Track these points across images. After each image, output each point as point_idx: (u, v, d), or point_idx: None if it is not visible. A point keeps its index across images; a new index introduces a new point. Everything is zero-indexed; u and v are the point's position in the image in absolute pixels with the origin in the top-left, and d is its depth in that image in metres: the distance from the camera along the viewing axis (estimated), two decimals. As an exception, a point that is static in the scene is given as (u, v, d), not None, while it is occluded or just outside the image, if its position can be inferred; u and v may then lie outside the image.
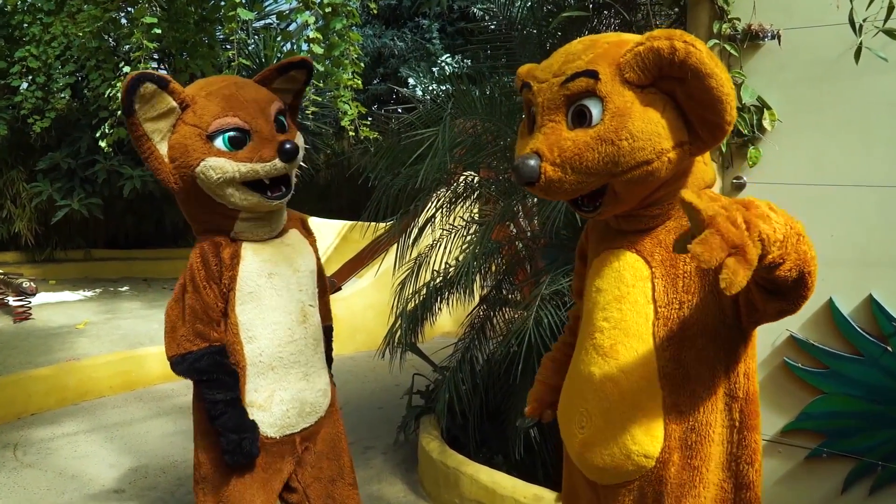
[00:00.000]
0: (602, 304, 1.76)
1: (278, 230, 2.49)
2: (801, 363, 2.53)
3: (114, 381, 5.34)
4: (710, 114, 1.53)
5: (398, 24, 9.20)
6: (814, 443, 2.54)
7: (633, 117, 1.56)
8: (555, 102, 1.64)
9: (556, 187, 1.63)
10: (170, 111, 2.25)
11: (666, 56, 1.49)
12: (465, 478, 3.38)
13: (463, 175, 4.13)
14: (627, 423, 1.68)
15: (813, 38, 2.44)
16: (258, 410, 2.35)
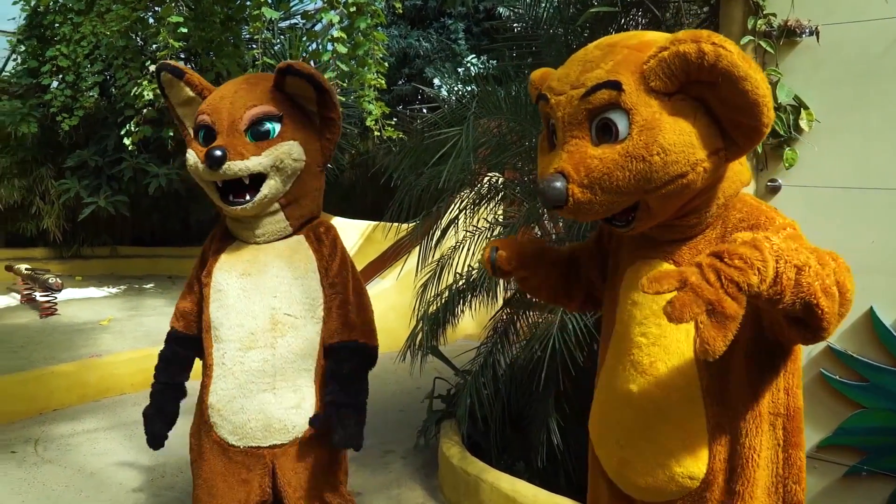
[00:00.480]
0: (639, 318, 1.67)
1: (267, 238, 2.39)
2: (840, 375, 2.42)
3: (135, 379, 5.31)
4: (745, 118, 1.41)
5: (424, 24, 9.15)
6: (852, 460, 2.43)
7: (663, 129, 1.43)
8: (576, 117, 1.51)
9: (585, 209, 1.50)
10: (190, 100, 2.35)
11: (694, 61, 1.37)
12: (485, 485, 3.30)
13: (487, 176, 4.06)
14: (671, 444, 1.61)
15: (854, 33, 2.33)
16: (217, 414, 2.31)
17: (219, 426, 2.31)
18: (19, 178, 9.23)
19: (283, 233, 2.42)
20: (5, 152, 9.14)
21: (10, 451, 4.18)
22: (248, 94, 2.28)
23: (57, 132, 8.34)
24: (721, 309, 1.22)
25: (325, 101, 2.39)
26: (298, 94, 2.35)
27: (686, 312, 1.20)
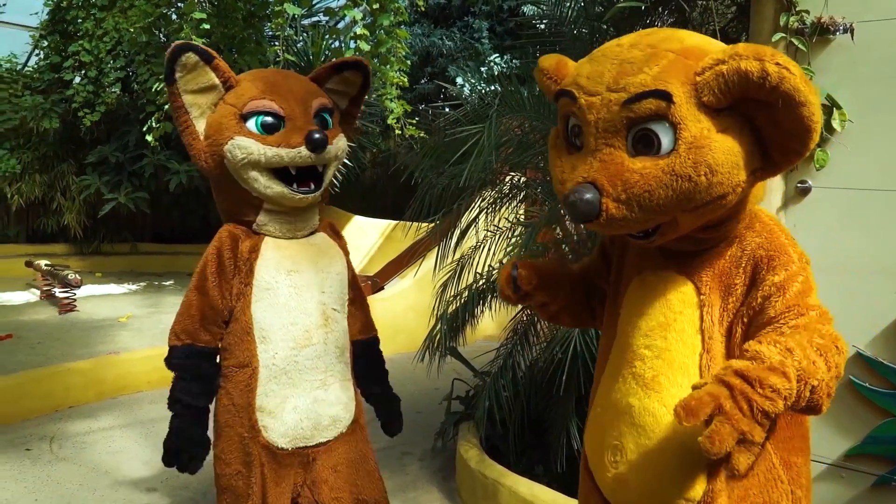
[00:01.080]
0: (644, 330, 1.61)
1: (305, 232, 2.39)
2: (869, 383, 2.35)
3: (151, 377, 5.30)
4: (794, 142, 1.35)
5: (447, 23, 9.11)
6: (881, 469, 2.36)
7: (712, 149, 1.34)
8: (614, 124, 1.40)
9: (618, 225, 1.42)
10: (211, 87, 2.23)
11: (755, 80, 1.28)
12: (503, 489, 3.26)
13: (508, 175, 4.01)
14: (668, 464, 1.53)
15: (889, 31, 2.26)
16: (268, 416, 2.23)
17: (269, 429, 2.23)
18: (40, 173, 9.26)
19: (315, 227, 2.42)
20: (27, 148, 9.18)
21: (24, 448, 4.17)
22: (305, 84, 2.32)
23: (78, 128, 8.37)
24: (752, 438, 1.25)
25: (359, 100, 2.49)
26: (339, 90, 2.41)
27: (725, 445, 1.23)
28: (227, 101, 2.23)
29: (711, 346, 1.55)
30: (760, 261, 1.52)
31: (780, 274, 1.48)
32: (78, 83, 8.25)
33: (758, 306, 1.49)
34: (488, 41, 8.86)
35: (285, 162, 2.19)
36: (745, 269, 1.54)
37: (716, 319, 1.56)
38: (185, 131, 2.23)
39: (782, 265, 1.49)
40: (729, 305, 1.56)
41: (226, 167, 2.21)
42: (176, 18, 6.99)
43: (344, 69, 2.46)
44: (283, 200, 2.25)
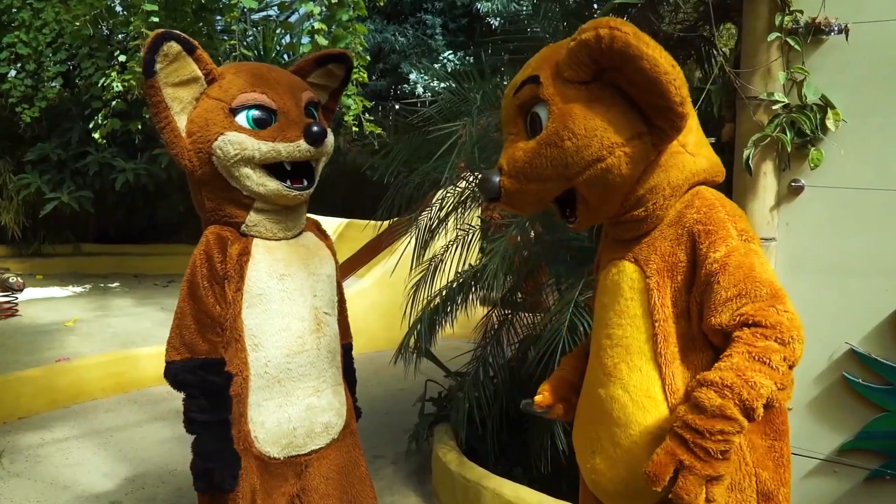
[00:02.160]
0: (604, 320, 1.70)
1: (294, 232, 2.29)
2: (862, 379, 2.37)
3: (106, 383, 5.12)
4: (654, 97, 1.46)
5: (399, 19, 9.03)
6: (874, 463, 2.39)
7: (574, 116, 1.50)
8: (510, 115, 1.65)
9: (517, 198, 1.62)
10: (193, 80, 2.07)
11: (594, 46, 1.45)
12: (486, 492, 3.21)
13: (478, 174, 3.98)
14: (637, 448, 1.58)
15: (883, 33, 2.28)
16: (260, 427, 2.13)
17: (261, 440, 2.13)
18: (-26, 172, 8.88)
19: (303, 226, 2.33)
20: (-40, 145, 8.80)
21: (-26, 463, 3.95)
22: (291, 77, 2.23)
23: (16, 124, 8.02)
24: (717, 474, 1.37)
25: (338, 94, 2.42)
26: (321, 84, 2.32)
27: (694, 494, 1.35)
28: (211, 95, 2.08)
29: (664, 327, 1.59)
30: (698, 235, 1.55)
31: (721, 249, 1.51)
32: (14, 77, 7.89)
33: (703, 285, 1.53)
34: (442, 38, 8.81)
35: (283, 157, 2.09)
36: (686, 244, 1.57)
37: (667, 301, 1.59)
38: (165, 129, 2.08)
39: (721, 239, 1.52)
40: (679, 284, 1.58)
41: (213, 165, 2.08)
42: (121, 11, 6.77)
43: (327, 62, 2.38)
44: (276, 198, 2.15)
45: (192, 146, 2.08)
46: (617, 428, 1.62)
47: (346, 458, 2.36)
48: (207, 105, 2.07)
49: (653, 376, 1.59)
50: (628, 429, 1.59)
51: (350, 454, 2.38)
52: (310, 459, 2.24)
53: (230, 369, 2.12)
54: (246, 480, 2.14)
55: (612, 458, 1.63)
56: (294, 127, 2.10)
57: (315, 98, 2.27)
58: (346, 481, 2.36)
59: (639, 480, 1.53)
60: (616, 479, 1.62)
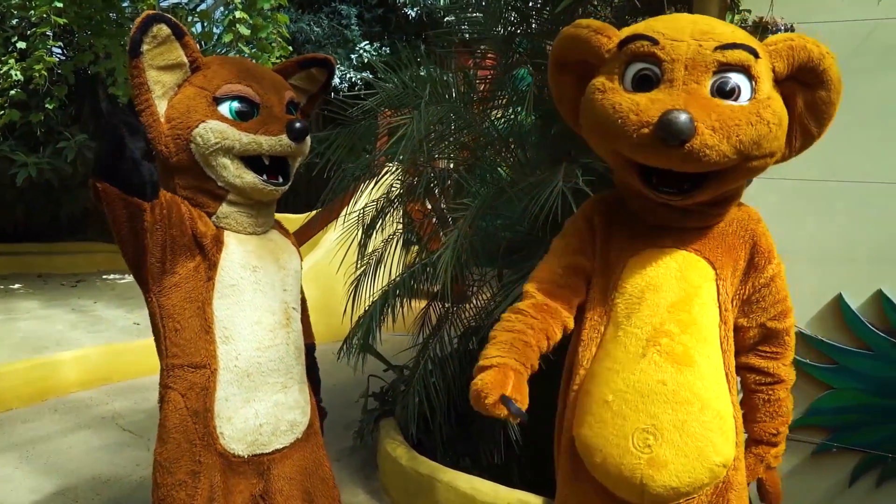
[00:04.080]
0: (665, 306, 1.65)
1: (264, 228, 2.29)
2: (810, 359, 2.53)
3: (22, 391, 4.83)
4: (816, 125, 1.60)
5: (314, 8, 8.88)
6: (821, 437, 2.56)
7: (776, 102, 1.53)
8: (704, 64, 1.53)
9: (703, 154, 1.49)
10: (178, 65, 2.05)
11: (814, 59, 1.53)
12: (440, 485, 3.22)
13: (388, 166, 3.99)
14: (709, 433, 1.60)
15: (828, 33, 2.41)
16: (227, 423, 2.09)
17: (227, 436, 2.09)
18: None
19: (271, 222, 2.33)
20: None
21: None
22: (274, 75, 2.23)
23: None
24: None
25: (317, 99, 2.46)
26: (302, 87, 2.35)
27: None
28: (194, 83, 2.07)
29: (727, 317, 1.67)
30: (760, 247, 1.71)
31: (773, 268, 1.72)
32: None
33: (753, 290, 1.72)
34: (357, 28, 8.73)
35: (264, 150, 2.09)
36: (746, 248, 1.71)
37: (730, 291, 1.68)
38: (144, 111, 2.04)
39: (775, 257, 1.73)
40: (736, 280, 1.70)
41: (191, 153, 2.06)
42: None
43: (311, 66, 2.40)
44: (252, 191, 2.13)
45: (171, 132, 2.05)
46: (688, 415, 1.60)
47: (309, 459, 2.34)
48: (190, 92, 2.06)
49: (719, 363, 1.64)
50: (703, 416, 1.60)
51: (314, 454, 2.36)
52: (273, 459, 2.21)
53: (195, 361, 2.08)
54: (206, 477, 2.09)
55: (680, 450, 1.60)
56: (277, 122, 2.09)
57: (296, 98, 2.28)
58: (310, 482, 2.34)
59: (706, 470, 1.60)
60: (682, 469, 1.60)
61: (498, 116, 3.73)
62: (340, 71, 8.38)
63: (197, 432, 2.08)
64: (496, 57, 3.78)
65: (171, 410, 2.10)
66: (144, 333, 6.13)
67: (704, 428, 1.60)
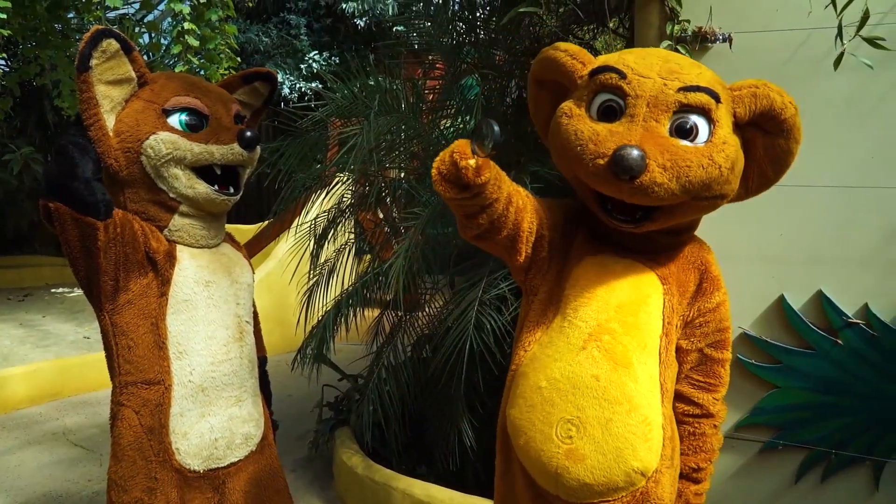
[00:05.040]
0: (614, 305, 1.68)
1: (217, 241, 2.29)
2: (755, 359, 2.59)
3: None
4: (773, 171, 1.66)
5: (262, 18, 8.81)
6: (767, 436, 2.61)
7: (731, 148, 1.57)
8: (665, 104, 1.56)
9: (652, 191, 1.53)
10: (126, 80, 2.06)
11: (776, 108, 1.57)
12: (396, 492, 3.24)
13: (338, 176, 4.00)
14: (631, 437, 1.61)
15: (763, 42, 2.50)
16: (182, 438, 2.08)
17: (182, 451, 2.07)
18: None
19: (221, 238, 2.32)
20: None
21: None
22: (220, 89, 2.27)
23: None
24: None
25: (261, 113, 2.49)
26: (246, 101, 2.39)
27: None
28: (142, 97, 2.08)
29: (670, 331, 1.70)
30: (709, 274, 1.78)
31: (719, 296, 1.78)
32: None
33: (698, 313, 1.76)
34: (306, 38, 8.68)
35: (216, 159, 2.11)
36: (697, 274, 1.77)
37: (675, 309, 1.71)
38: (93, 125, 2.03)
39: (722, 287, 1.79)
40: (684, 301, 1.74)
41: (141, 165, 2.06)
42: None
43: (254, 80, 2.43)
44: (205, 202, 2.15)
45: (120, 145, 2.05)
46: (613, 413, 1.61)
47: (264, 471, 2.34)
48: (138, 106, 2.07)
49: (655, 372, 1.66)
50: (629, 418, 1.60)
51: (268, 466, 2.36)
52: (228, 472, 2.20)
53: (149, 377, 2.06)
54: (162, 494, 2.07)
55: (600, 447, 1.61)
56: (227, 131, 2.13)
57: (241, 112, 2.31)
58: (265, 494, 2.33)
59: (622, 473, 1.60)
60: (598, 466, 1.60)
61: (447, 125, 3.76)
62: (290, 81, 8.32)
63: (152, 449, 2.06)
64: (444, 66, 3.81)
65: (124, 428, 2.07)
66: (95, 347, 6.04)
67: (628, 430, 1.61)
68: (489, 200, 1.56)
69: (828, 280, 2.50)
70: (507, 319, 2.99)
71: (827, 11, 2.29)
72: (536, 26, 3.46)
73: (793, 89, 2.45)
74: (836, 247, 2.49)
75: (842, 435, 2.52)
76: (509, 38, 3.52)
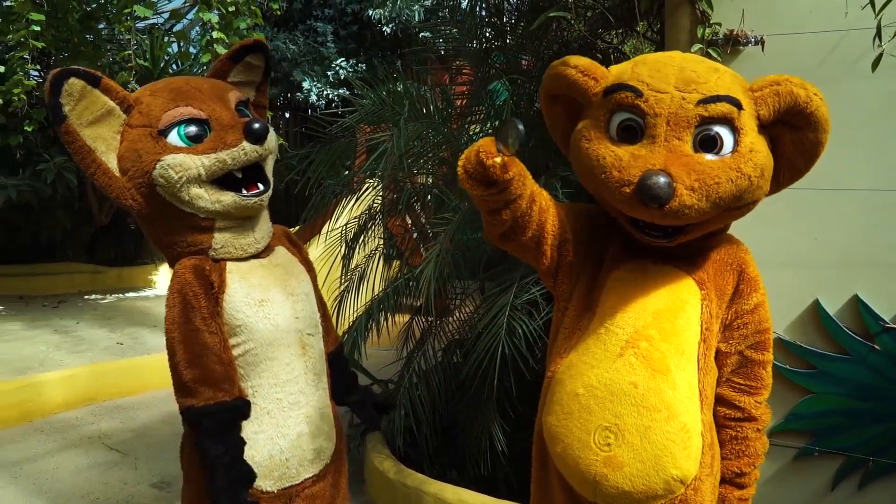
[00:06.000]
0: (652, 311, 1.66)
1: (265, 241, 2.11)
2: (789, 365, 2.57)
3: (8, 413, 4.81)
4: (805, 162, 1.60)
5: (289, 26, 8.89)
6: (802, 442, 2.59)
7: (764, 155, 1.54)
8: (686, 119, 1.52)
9: (685, 213, 1.51)
10: (108, 113, 1.89)
11: (801, 102, 1.52)
12: (427, 497, 3.25)
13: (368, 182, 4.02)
14: (670, 444, 1.59)
15: (795, 45, 2.48)
16: (252, 463, 1.97)
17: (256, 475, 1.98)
18: None
19: (271, 236, 2.16)
20: None
21: None
22: (211, 82, 2.08)
23: None
24: None
25: (264, 87, 2.26)
26: (243, 80, 2.17)
27: None
28: (132, 123, 1.91)
29: (708, 337, 1.68)
30: (746, 275, 1.74)
31: (758, 296, 1.74)
32: None
33: (736, 315, 1.73)
34: (333, 45, 8.74)
35: (229, 165, 1.93)
36: (734, 276, 1.73)
37: (713, 313, 1.69)
38: (95, 173, 1.89)
39: (760, 287, 1.75)
40: (723, 304, 1.71)
41: (159, 196, 1.92)
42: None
43: (244, 55, 2.18)
44: (236, 211, 1.99)
45: (130, 182, 1.91)
46: (652, 420, 1.59)
47: (332, 482, 2.24)
48: (132, 135, 1.91)
49: (693, 379, 1.64)
50: (668, 426, 1.58)
51: (336, 478, 2.27)
52: (300, 489, 2.10)
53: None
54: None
55: (639, 454, 1.59)
56: (232, 131, 1.94)
57: (243, 96, 2.11)
58: None
59: (661, 480, 1.58)
60: (637, 474, 1.59)
61: (476, 131, 3.77)
62: (317, 88, 8.39)
63: None
64: (472, 71, 3.82)
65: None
66: (128, 353, 6.13)
67: (666, 438, 1.59)
68: (514, 196, 1.58)
69: (864, 284, 2.47)
70: (539, 324, 2.99)
71: (861, 13, 2.28)
72: (565, 31, 3.46)
73: (826, 92, 2.43)
74: (872, 251, 2.46)
75: (879, 441, 2.49)
76: (537, 42, 3.53)
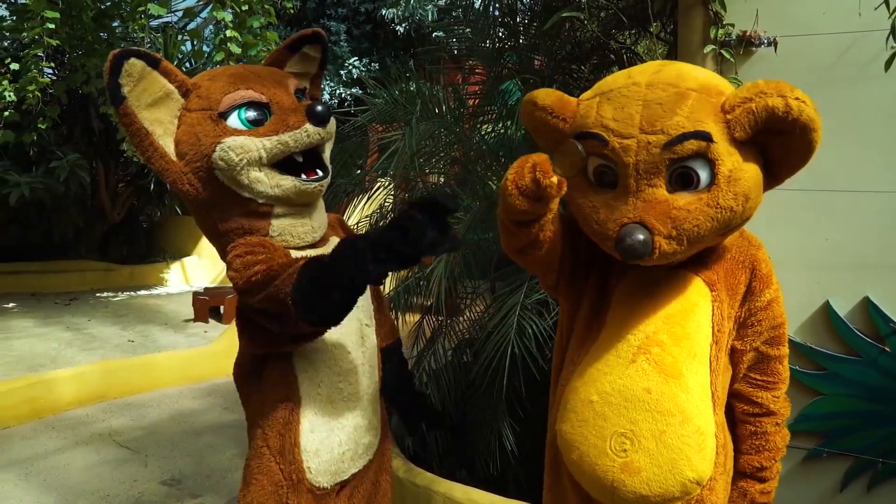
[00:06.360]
0: (662, 316, 1.66)
1: (321, 231, 2.06)
2: (799, 366, 2.56)
3: (19, 410, 4.86)
4: (800, 161, 1.54)
5: (302, 25, 8.92)
6: (812, 443, 2.58)
7: (744, 178, 1.49)
8: (655, 165, 1.48)
9: (667, 259, 1.52)
10: (167, 96, 1.86)
11: (780, 114, 1.43)
12: (437, 496, 3.24)
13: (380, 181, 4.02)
14: (686, 448, 1.59)
15: (808, 46, 2.48)
16: (314, 456, 1.92)
17: (314, 470, 1.93)
18: None
19: (327, 225, 2.09)
20: None
21: None
22: (270, 69, 2.04)
23: None
24: None
25: (319, 79, 2.25)
26: (299, 72, 2.15)
27: None
28: (190, 107, 1.87)
29: (720, 338, 1.67)
30: (758, 272, 1.72)
31: (771, 293, 1.73)
32: None
33: (749, 313, 1.72)
34: (346, 44, 8.78)
35: (291, 148, 1.87)
36: (746, 273, 1.72)
37: (725, 314, 1.68)
38: (152, 157, 1.85)
39: (773, 283, 1.74)
40: (735, 303, 1.70)
41: (218, 181, 1.87)
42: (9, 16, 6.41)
43: (301, 46, 2.16)
44: (296, 196, 1.92)
45: (188, 167, 1.87)
46: (667, 425, 1.59)
47: (373, 479, 2.19)
48: (191, 119, 1.87)
49: (706, 381, 1.64)
50: (682, 428, 1.58)
51: (378, 475, 2.21)
52: (347, 482, 2.05)
53: (278, 396, 1.95)
54: None
55: (655, 459, 1.59)
56: (293, 113, 1.89)
57: (301, 85, 2.07)
58: (374, 501, 2.21)
59: (678, 483, 1.59)
60: (654, 478, 1.59)
61: (488, 131, 3.78)
62: (330, 87, 8.42)
63: (282, 472, 1.94)
64: (485, 71, 3.83)
65: (254, 451, 1.98)
66: (139, 350, 6.17)
67: (682, 441, 1.59)
68: (552, 213, 1.59)
69: (874, 286, 2.47)
70: (549, 324, 3.00)
71: (875, 15, 2.28)
72: (577, 31, 3.46)
73: (839, 93, 2.47)
74: (882, 253, 2.46)
75: (889, 443, 2.48)
76: (550, 42, 3.54)
